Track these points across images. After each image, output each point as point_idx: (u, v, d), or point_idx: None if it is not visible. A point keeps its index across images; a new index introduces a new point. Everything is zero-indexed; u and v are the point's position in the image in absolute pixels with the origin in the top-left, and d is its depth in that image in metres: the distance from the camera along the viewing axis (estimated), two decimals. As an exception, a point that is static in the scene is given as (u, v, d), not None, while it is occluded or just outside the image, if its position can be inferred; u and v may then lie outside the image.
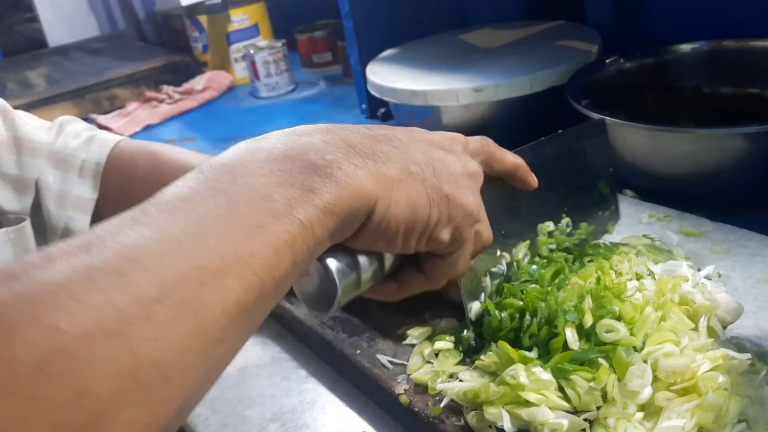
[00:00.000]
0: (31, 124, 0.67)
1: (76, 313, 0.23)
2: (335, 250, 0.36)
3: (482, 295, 0.48)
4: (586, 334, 0.42)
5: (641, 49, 0.86)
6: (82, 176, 0.66)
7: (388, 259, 0.40)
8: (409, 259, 0.41)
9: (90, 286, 0.24)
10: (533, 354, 0.41)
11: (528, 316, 0.43)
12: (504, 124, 0.87)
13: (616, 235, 0.63)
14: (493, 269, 0.49)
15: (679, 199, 0.67)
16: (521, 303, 0.44)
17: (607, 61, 0.84)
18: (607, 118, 0.69)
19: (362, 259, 0.38)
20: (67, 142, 0.67)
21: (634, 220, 0.65)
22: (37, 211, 0.65)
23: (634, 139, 0.69)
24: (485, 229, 0.43)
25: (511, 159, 0.47)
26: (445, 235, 0.39)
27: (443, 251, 0.40)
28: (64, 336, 0.22)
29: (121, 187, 0.66)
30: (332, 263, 0.36)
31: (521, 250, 0.51)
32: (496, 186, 0.47)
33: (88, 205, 0.66)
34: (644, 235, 0.60)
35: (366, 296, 0.43)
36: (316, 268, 0.37)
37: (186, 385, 0.26)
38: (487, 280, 0.48)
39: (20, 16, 2.28)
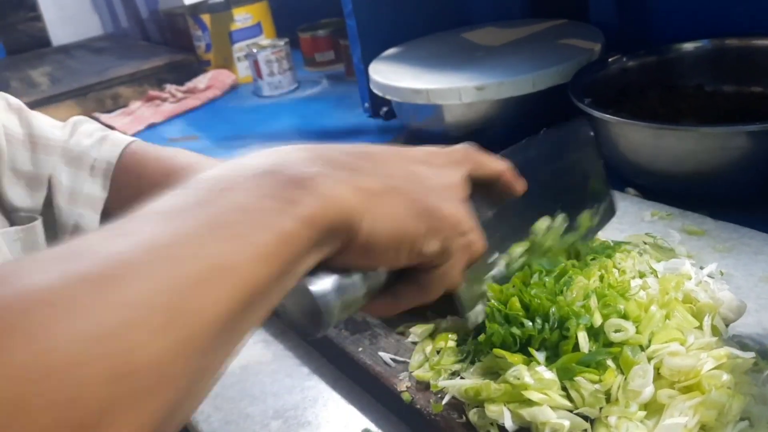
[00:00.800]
0: (45, 122, 0.68)
1: (68, 319, 0.23)
2: (321, 271, 0.36)
3: (482, 300, 0.47)
4: (594, 333, 0.41)
5: (644, 47, 0.86)
6: (93, 175, 0.67)
7: (381, 275, 0.39)
8: (402, 272, 0.41)
9: (82, 293, 0.24)
10: (542, 356, 0.41)
11: (539, 321, 0.42)
12: (506, 122, 0.87)
13: (618, 233, 0.63)
14: (492, 272, 0.49)
15: (681, 197, 0.67)
16: (526, 310, 0.43)
17: (610, 59, 0.84)
18: (609, 116, 0.69)
19: (350, 279, 0.37)
20: (80, 141, 0.68)
21: (636, 219, 0.65)
22: (48, 207, 0.65)
23: (636, 138, 0.69)
24: (476, 238, 0.43)
25: (494, 165, 0.46)
26: (434, 246, 0.39)
27: (434, 263, 0.40)
28: (57, 340, 0.23)
29: (131, 188, 0.66)
30: (316, 285, 0.36)
31: (517, 249, 0.50)
32: (486, 192, 0.47)
33: (97, 203, 0.66)
34: (647, 234, 0.60)
35: (364, 312, 0.44)
36: (301, 291, 0.36)
37: (177, 390, 0.26)
38: (485, 286, 0.48)
39: (23, 14, 2.29)
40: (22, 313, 0.23)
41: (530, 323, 0.42)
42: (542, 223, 0.53)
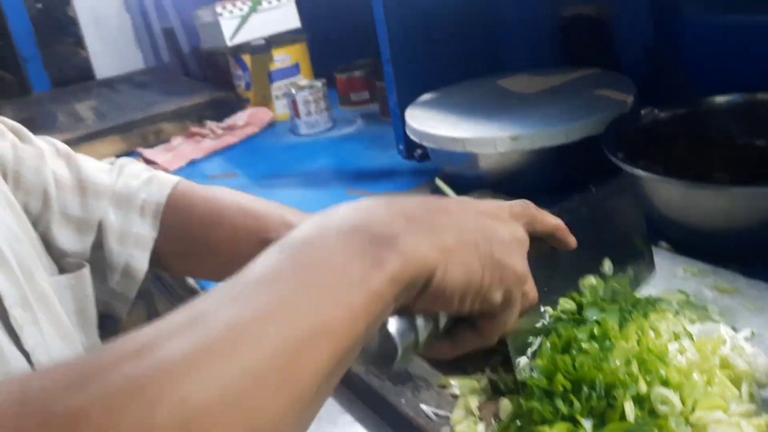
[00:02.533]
0: (93, 167, 0.71)
1: (202, 386, 0.27)
2: (396, 313, 0.40)
3: (528, 351, 0.51)
4: (639, 400, 0.43)
5: (675, 99, 0.88)
6: (143, 215, 0.69)
7: (443, 319, 0.43)
8: (462, 318, 0.44)
9: (210, 362, 0.28)
10: (589, 424, 0.42)
11: (585, 389, 0.43)
12: (539, 171, 0.90)
13: (651, 288, 0.64)
14: (538, 325, 0.53)
15: (713, 252, 0.68)
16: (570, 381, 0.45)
17: (642, 112, 0.86)
18: (642, 172, 0.71)
19: (419, 321, 0.41)
20: (128, 183, 0.71)
21: (669, 274, 0.67)
22: (96, 250, 0.68)
23: (668, 193, 0.71)
24: (531, 289, 0.46)
25: (551, 220, 0.50)
26: (497, 296, 0.42)
27: (494, 311, 0.43)
28: (195, 407, 0.26)
29: (180, 227, 0.69)
30: (392, 326, 0.40)
31: (566, 304, 0.54)
32: (537, 246, 0.50)
33: (148, 243, 0.69)
34: (679, 291, 0.61)
35: (423, 355, 0.46)
36: (379, 331, 0.40)
37: None
38: (533, 338, 0.52)
39: (69, 47, 2.38)
40: (166, 383, 0.26)
41: (576, 400, 0.43)
42: (589, 280, 0.57)
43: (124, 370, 0.27)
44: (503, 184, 0.92)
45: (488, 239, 0.42)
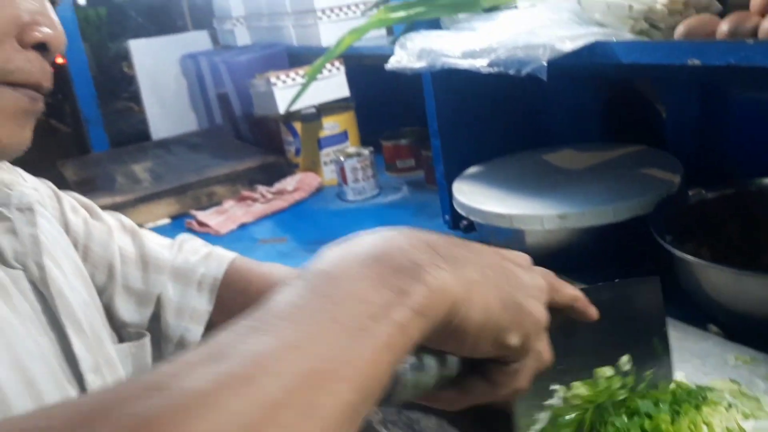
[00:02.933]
0: (155, 242, 0.75)
1: (216, 423, 0.26)
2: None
3: (533, 428, 0.50)
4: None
5: (722, 179, 0.89)
6: (200, 290, 0.73)
7: (452, 363, 0.41)
8: (472, 369, 0.43)
9: (227, 395, 0.27)
10: None
11: None
12: (585, 249, 0.91)
13: (702, 376, 0.64)
14: (550, 401, 0.51)
15: (766, 340, 0.68)
16: None
17: (690, 193, 0.87)
18: (690, 257, 0.72)
19: (428, 360, 0.39)
20: (187, 258, 0.75)
21: (719, 361, 0.67)
22: (154, 322, 0.72)
23: (717, 279, 0.71)
24: (546, 347, 0.45)
25: (570, 290, 0.49)
26: (514, 340, 0.40)
27: (509, 358, 0.42)
28: None
29: (236, 301, 0.72)
30: None
31: (580, 389, 0.52)
32: (554, 317, 0.48)
33: (203, 316, 0.72)
34: (731, 380, 0.61)
35: (425, 402, 0.44)
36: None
37: None
38: (541, 414, 0.50)
39: (125, 104, 2.50)
40: (175, 421, 0.26)
41: None
42: (606, 370, 0.55)
43: (137, 407, 0.26)
44: (549, 260, 0.93)
45: (509, 280, 0.41)
